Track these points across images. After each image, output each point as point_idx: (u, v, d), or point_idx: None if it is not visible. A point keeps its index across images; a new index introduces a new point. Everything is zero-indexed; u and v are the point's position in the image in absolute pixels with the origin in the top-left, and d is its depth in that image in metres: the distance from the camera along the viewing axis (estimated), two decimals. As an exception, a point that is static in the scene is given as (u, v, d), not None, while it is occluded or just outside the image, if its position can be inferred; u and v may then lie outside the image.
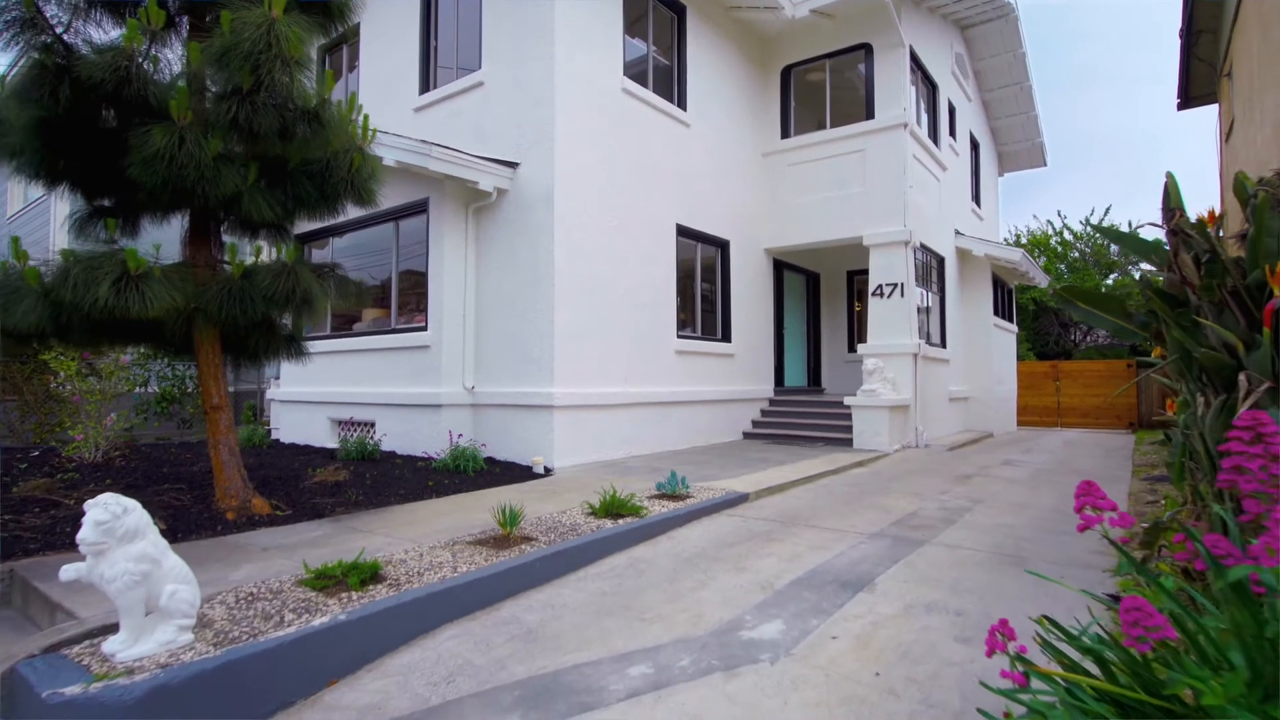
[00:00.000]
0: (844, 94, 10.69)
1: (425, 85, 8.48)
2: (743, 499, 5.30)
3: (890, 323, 9.27)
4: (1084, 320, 3.08)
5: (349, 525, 4.33)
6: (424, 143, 6.67)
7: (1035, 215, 38.86)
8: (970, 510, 5.11)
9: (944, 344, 10.95)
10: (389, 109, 8.52)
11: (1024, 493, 5.93)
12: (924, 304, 10.20)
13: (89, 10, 3.97)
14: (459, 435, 7.05)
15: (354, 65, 9.98)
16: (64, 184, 4.15)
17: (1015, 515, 4.94)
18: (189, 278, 4.11)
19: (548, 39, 7.07)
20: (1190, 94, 8.21)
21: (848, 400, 8.89)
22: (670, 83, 8.97)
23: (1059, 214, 25.23)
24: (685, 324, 9.04)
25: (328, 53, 10.30)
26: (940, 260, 10.97)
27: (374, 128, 4.81)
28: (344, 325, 8.75)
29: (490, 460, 6.92)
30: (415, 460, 6.88)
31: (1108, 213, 22.28)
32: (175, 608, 2.42)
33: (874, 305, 9.46)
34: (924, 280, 10.20)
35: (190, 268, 4.28)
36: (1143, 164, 69.58)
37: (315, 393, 8.75)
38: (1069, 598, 2.95)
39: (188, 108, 3.70)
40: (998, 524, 4.64)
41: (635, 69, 8.44)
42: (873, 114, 9.59)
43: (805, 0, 9.49)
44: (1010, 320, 13.96)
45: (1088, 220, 22.04)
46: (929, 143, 10.44)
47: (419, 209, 7.50)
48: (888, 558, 3.80)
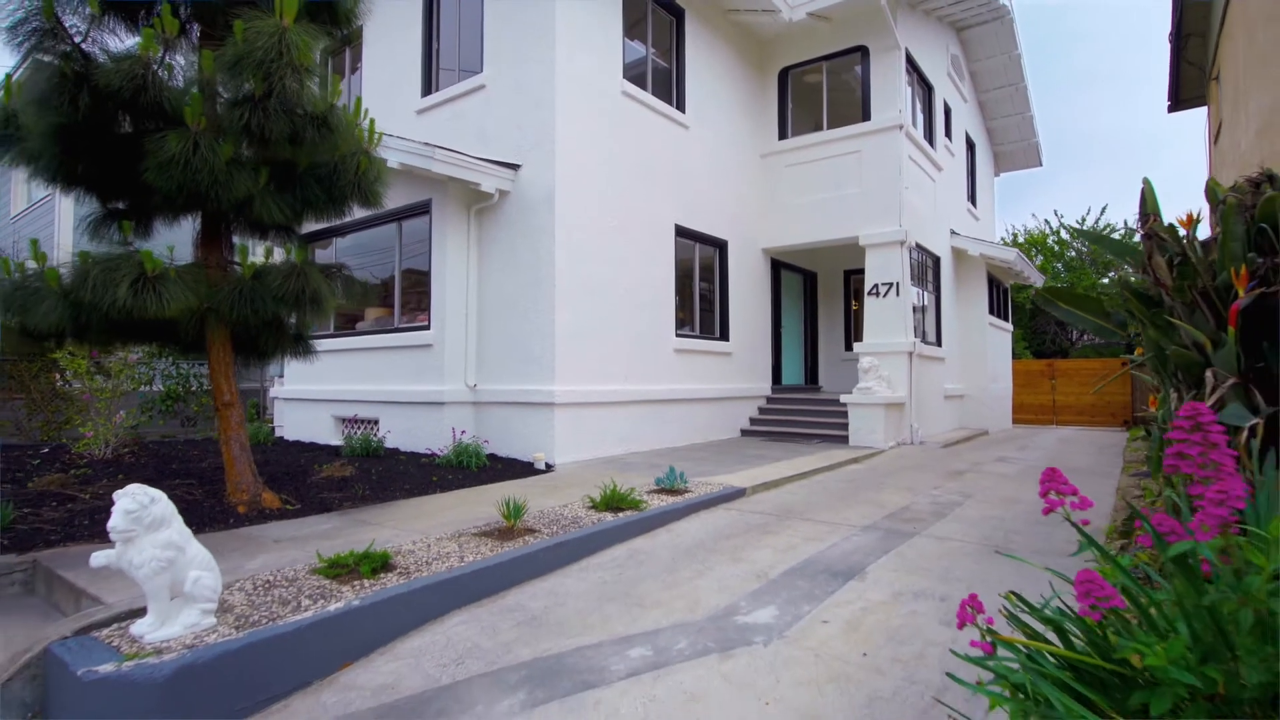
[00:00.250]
0: (841, 95, 10.81)
1: (427, 88, 8.60)
2: (740, 494, 5.43)
3: (886, 322, 9.40)
4: (1065, 320, 3.22)
5: (357, 519, 4.46)
6: (427, 145, 6.79)
7: (1033, 214, 39.03)
8: (961, 504, 5.25)
9: (939, 342, 11.09)
10: (391, 111, 8.63)
11: (1014, 488, 6.06)
12: (920, 303, 10.35)
13: (103, 19, 4.09)
14: (462, 432, 7.18)
15: (356, 67, 10.09)
16: (80, 187, 4.27)
17: (1005, 509, 5.08)
18: (201, 278, 4.23)
19: (548, 42, 7.19)
20: (1180, 97, 8.34)
21: (844, 398, 9.03)
22: (669, 85, 9.10)
23: (1055, 213, 25.35)
24: (684, 323, 9.17)
25: (330, 55, 10.41)
26: (936, 260, 11.10)
27: (380, 131, 4.94)
28: (347, 324, 8.88)
29: (492, 457, 7.05)
30: (419, 457, 7.01)
31: (1104, 212, 22.43)
32: (199, 593, 2.55)
33: (870, 304, 9.60)
34: (919, 280, 10.34)
35: (202, 269, 4.40)
36: (1141, 163, 69.70)
37: (319, 391, 8.88)
38: (1047, 583, 3.08)
39: (201, 114, 3.82)
40: (987, 517, 4.78)
41: (635, 71, 8.56)
42: (869, 116, 9.72)
43: (802, 3, 9.62)
44: (1006, 319, 14.10)
45: (1081, 220, 22.17)
46: (924, 144, 10.57)
47: (422, 210, 7.63)
48: (879, 549, 3.94)
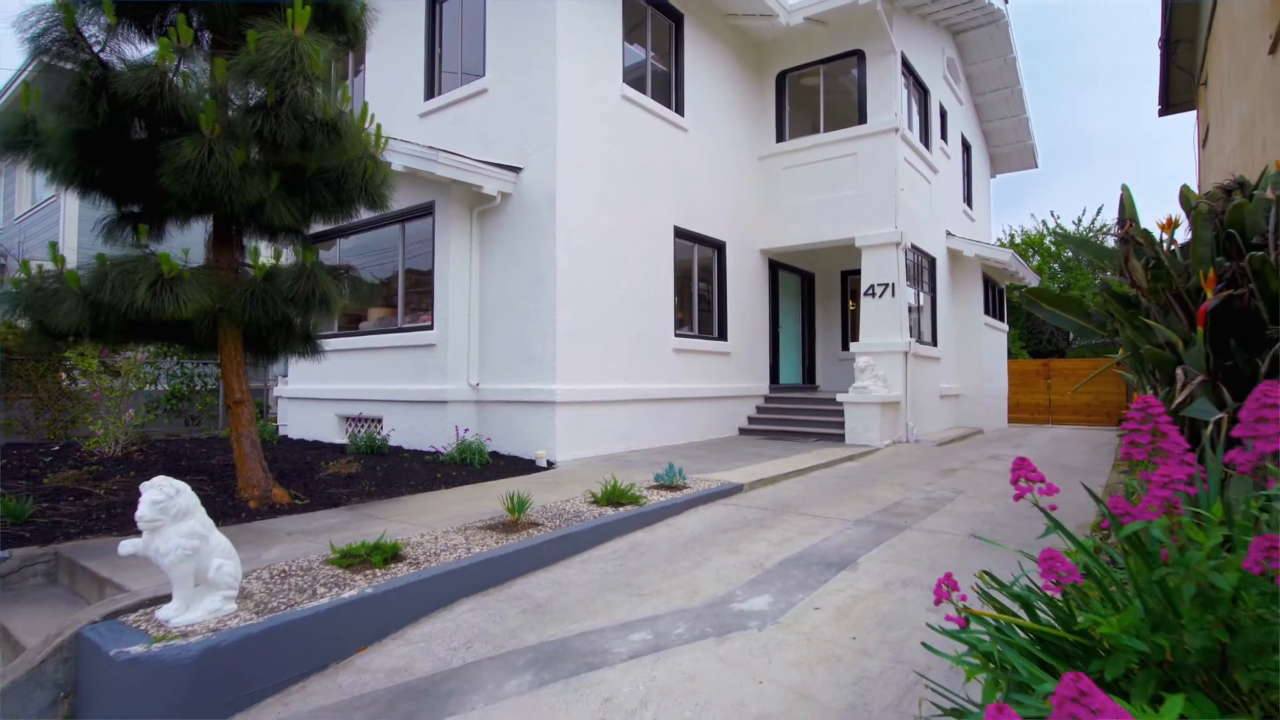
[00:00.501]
0: (838, 98, 10.95)
1: (430, 91, 8.72)
2: (737, 489, 5.57)
3: (882, 322, 9.54)
4: (1048, 320, 3.35)
5: (365, 513, 4.60)
6: (431, 149, 6.92)
7: (1031, 215, 39.16)
8: (953, 500, 5.39)
9: (935, 342, 11.23)
10: (395, 113, 8.76)
11: (1004, 484, 6.20)
12: (916, 303, 10.49)
13: (118, 28, 4.21)
14: (465, 430, 7.32)
15: (359, 69, 10.21)
16: (96, 191, 4.39)
17: (994, 504, 5.21)
18: (214, 280, 4.36)
19: (550, 47, 7.32)
20: (1170, 101, 8.49)
21: (840, 397, 9.17)
22: (668, 88, 9.23)
23: (1052, 214, 25.54)
24: (683, 323, 9.31)
25: (334, 58, 10.51)
26: (932, 261, 11.24)
27: (386, 136, 5.07)
28: (350, 324, 9.00)
29: (495, 454, 7.18)
30: (423, 454, 7.14)
31: (1100, 212, 22.57)
32: (221, 580, 2.68)
33: (866, 305, 9.73)
34: (915, 280, 10.48)
35: (214, 270, 4.53)
36: (1140, 163, 70.06)
37: (323, 390, 9.00)
38: (1033, 570, 3.22)
39: (215, 121, 3.94)
40: (977, 512, 4.91)
41: (634, 74, 8.69)
42: (865, 119, 9.86)
43: (800, 8, 9.76)
44: (1001, 319, 14.24)
45: (1077, 221, 22.34)
46: (920, 146, 10.71)
47: (425, 212, 7.76)
48: (871, 541, 4.07)
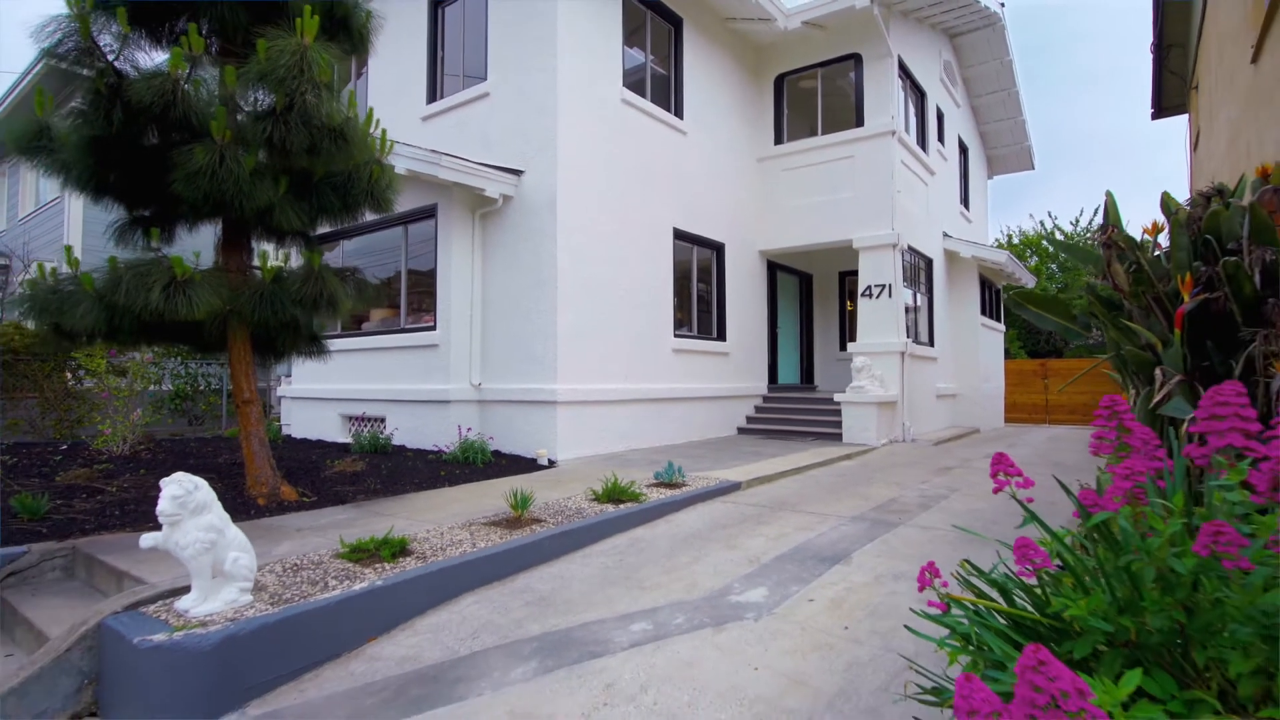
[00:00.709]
0: (835, 100, 11.06)
1: (433, 95, 8.83)
2: (735, 487, 5.68)
3: (879, 322, 9.65)
4: (1034, 322, 3.46)
5: (371, 510, 4.70)
6: (434, 152, 7.03)
7: (1030, 215, 39.31)
8: (947, 497, 5.50)
9: (932, 343, 11.34)
10: (397, 116, 8.86)
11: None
12: (913, 304, 10.60)
13: (130, 36, 4.32)
14: (467, 429, 7.42)
15: (362, 71, 10.31)
16: (109, 196, 4.49)
17: (987, 501, 5.32)
18: (224, 282, 4.46)
19: (551, 51, 7.43)
20: (1163, 105, 8.60)
21: (837, 397, 9.28)
22: (668, 91, 9.34)
23: (1049, 215, 25.66)
24: (682, 323, 9.42)
25: (337, 61, 10.61)
26: (928, 262, 11.36)
27: (391, 140, 5.18)
28: (353, 325, 9.10)
29: (497, 453, 7.29)
30: (426, 453, 7.24)
31: (1096, 213, 22.68)
32: (238, 572, 2.79)
33: (863, 305, 9.85)
34: (912, 281, 10.59)
35: (224, 273, 4.63)
36: (1140, 163, 70.22)
37: (326, 389, 9.11)
38: (1012, 560, 3.33)
39: (226, 127, 4.05)
40: (969, 509, 5.02)
41: (634, 77, 8.80)
42: (862, 121, 9.97)
43: (798, 12, 9.87)
44: (998, 320, 14.35)
45: (1075, 221, 22.47)
46: (917, 149, 10.83)
47: (428, 214, 7.86)
48: (865, 537, 4.18)
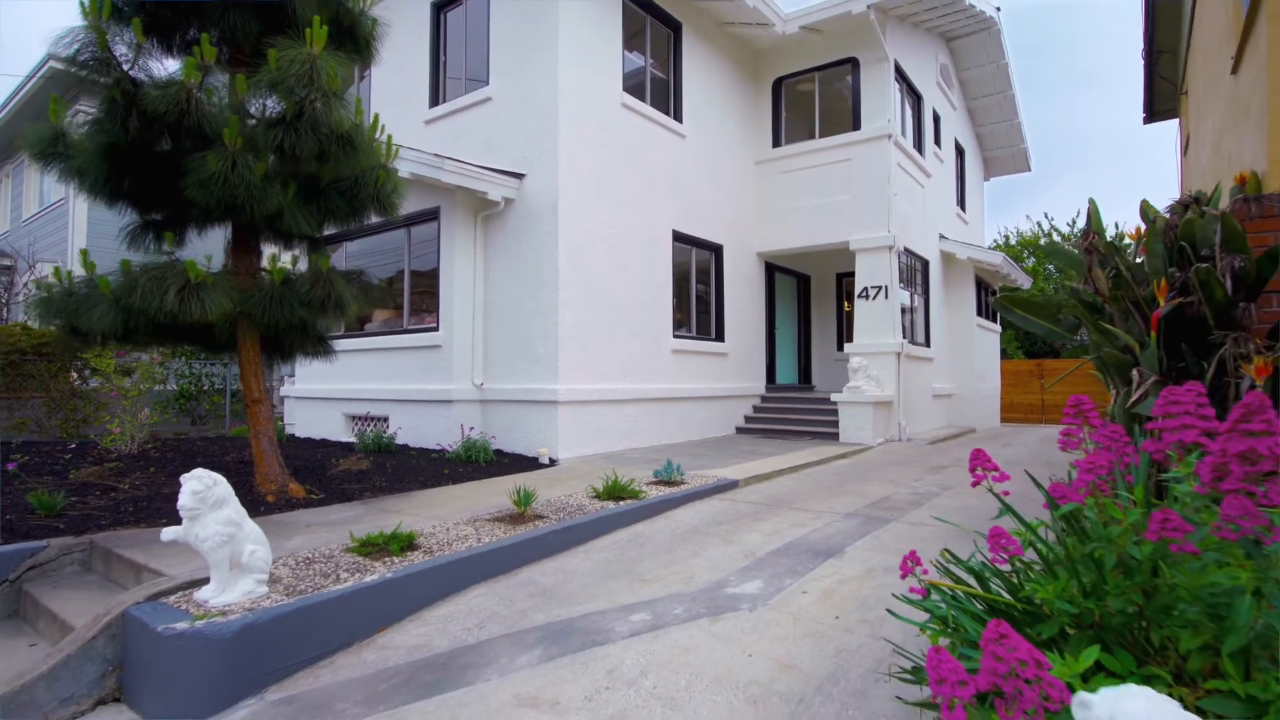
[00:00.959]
0: (833, 103, 11.19)
1: (435, 99, 8.95)
2: (733, 485, 5.80)
3: (875, 323, 9.78)
4: (1020, 324, 3.59)
5: (378, 507, 4.82)
6: (437, 156, 7.15)
7: (1027, 216, 39.48)
8: (939, 495, 5.63)
9: (928, 343, 11.47)
10: (401, 120, 8.98)
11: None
12: (909, 305, 10.73)
13: (144, 46, 4.44)
14: (470, 429, 7.54)
15: (364, 74, 10.42)
16: (122, 201, 4.61)
17: (978, 499, 5.45)
18: (234, 285, 4.57)
19: (552, 56, 7.55)
20: (1154, 109, 8.74)
21: (834, 397, 9.41)
22: (667, 94, 9.46)
23: (1046, 216, 25.84)
24: (681, 324, 9.54)
25: (343, 68, 10.73)
26: (925, 263, 11.48)
27: (396, 146, 5.30)
28: (357, 325, 9.21)
29: (499, 452, 7.41)
30: (429, 452, 7.36)
31: (1093, 215, 22.82)
32: (254, 564, 2.91)
33: (860, 306, 9.97)
34: (908, 282, 10.72)
35: (234, 275, 4.75)
36: (1139, 164, 70.43)
37: (330, 390, 9.22)
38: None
39: (238, 135, 4.17)
40: (960, 506, 5.15)
41: (634, 80, 8.92)
42: (859, 125, 10.10)
43: (795, 17, 10.00)
44: (994, 320, 14.49)
45: (1071, 222, 22.62)
46: (913, 151, 10.95)
47: (430, 216, 7.98)
48: (858, 532, 4.31)
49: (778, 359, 11.96)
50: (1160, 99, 8.53)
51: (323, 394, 9.37)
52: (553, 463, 7.06)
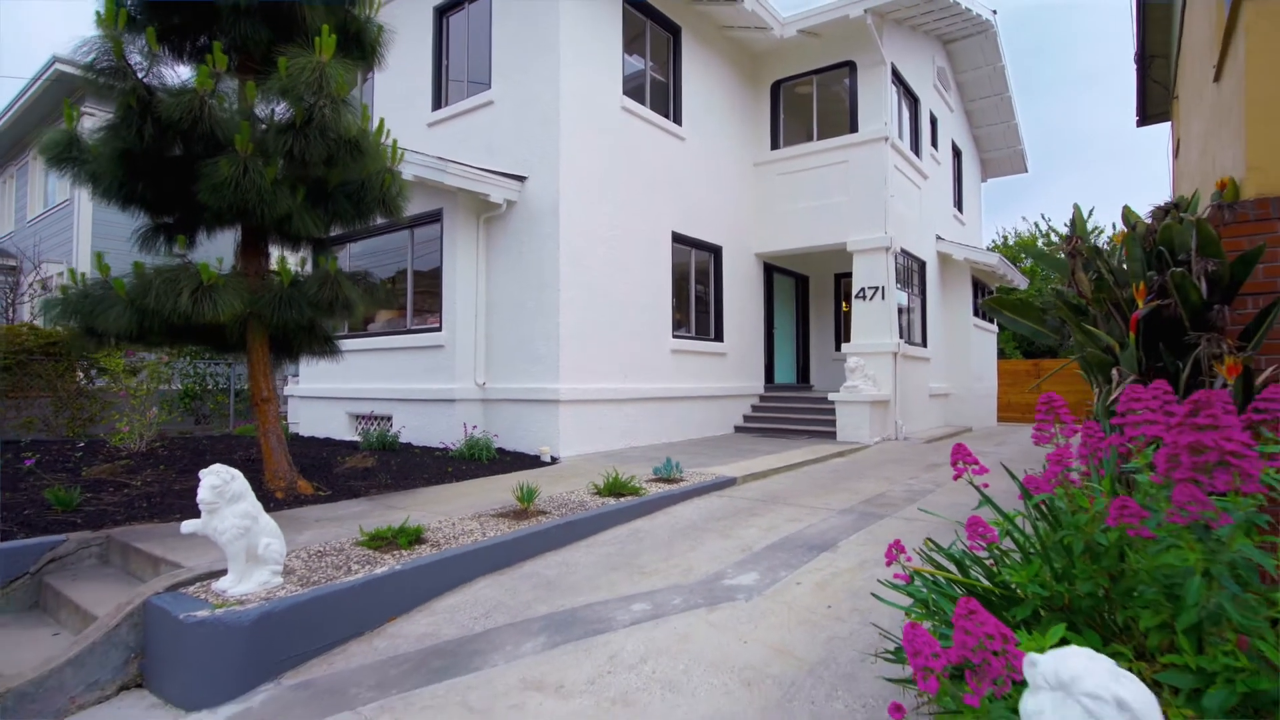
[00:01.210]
0: (831, 106, 11.31)
1: (438, 102, 9.07)
2: (731, 482, 5.92)
3: (872, 324, 9.90)
4: (1008, 325, 3.71)
5: (384, 503, 4.94)
6: (441, 159, 7.27)
7: (1023, 218, 39.61)
8: (932, 492, 5.75)
9: (925, 343, 11.60)
10: (404, 122, 9.09)
11: (984, 478, 6.56)
12: (906, 305, 10.85)
13: (158, 54, 4.55)
14: (473, 427, 7.66)
15: (368, 76, 10.53)
16: (135, 204, 4.73)
17: (970, 495, 5.53)
18: (244, 286, 4.69)
19: (553, 61, 7.67)
20: (1147, 112, 8.86)
21: (831, 396, 9.53)
22: (666, 97, 9.58)
23: (1043, 217, 25.96)
24: (680, 324, 9.66)
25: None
26: (921, 264, 11.61)
27: (402, 149, 5.42)
28: (360, 326, 9.33)
29: (501, 450, 7.53)
30: (433, 450, 7.48)
31: (1090, 215, 22.94)
32: (270, 556, 3.03)
33: (857, 307, 10.10)
34: (905, 283, 10.84)
35: (244, 277, 4.87)
36: (1138, 165, 70.57)
37: (334, 389, 9.34)
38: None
39: (249, 140, 4.28)
40: (953, 502, 5.27)
41: (633, 83, 9.03)
42: (856, 127, 10.22)
43: (793, 21, 10.12)
44: (991, 321, 14.61)
45: (1069, 224, 22.73)
46: (910, 154, 11.07)
47: (433, 218, 8.10)
48: (852, 527, 4.43)
49: (776, 359, 12.08)
50: (1153, 102, 8.65)
51: (327, 393, 9.49)
52: (554, 461, 7.18)
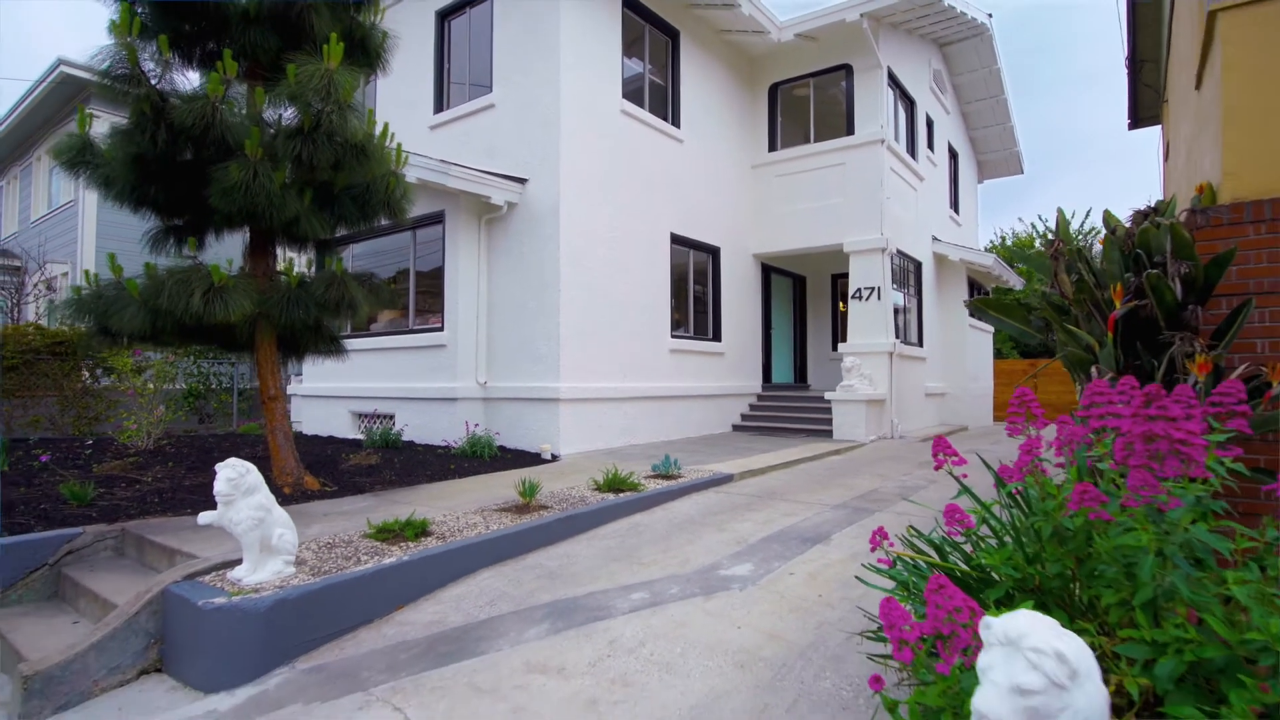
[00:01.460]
0: (828, 108, 11.44)
1: (439, 105, 9.19)
2: (728, 479, 6.05)
3: (868, 324, 10.03)
4: (995, 325, 3.83)
5: (389, 498, 5.06)
6: (443, 162, 7.39)
7: (1020, 219, 39.79)
8: (925, 488, 5.87)
9: (921, 343, 11.72)
10: (406, 125, 9.19)
11: (976, 475, 6.67)
12: (902, 306, 10.98)
13: (170, 61, 4.67)
14: (475, 426, 7.79)
15: (370, 79, 10.63)
16: (147, 207, 4.85)
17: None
18: (253, 287, 4.81)
19: (554, 65, 7.79)
20: (1139, 116, 8.99)
21: (828, 395, 9.65)
22: (665, 100, 9.70)
23: (1040, 218, 26.11)
24: (679, 324, 9.78)
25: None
26: (917, 265, 11.73)
27: (406, 153, 5.54)
28: (363, 325, 9.45)
29: (502, 448, 7.65)
30: (435, 448, 7.61)
31: (1088, 216, 23.09)
32: (283, 546, 3.15)
33: (853, 307, 10.22)
34: (901, 284, 10.97)
35: (252, 278, 4.98)
36: (1138, 165, 70.74)
37: (337, 388, 9.46)
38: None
39: (259, 145, 4.41)
40: (944, 497, 5.35)
41: (632, 86, 9.15)
42: (852, 130, 10.35)
43: (790, 25, 10.24)
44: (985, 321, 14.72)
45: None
46: (906, 156, 11.20)
47: (436, 220, 8.22)
48: (844, 521, 4.56)
49: (774, 358, 12.21)
50: (1144, 106, 8.78)
51: (330, 392, 9.61)
52: (554, 458, 7.30)
